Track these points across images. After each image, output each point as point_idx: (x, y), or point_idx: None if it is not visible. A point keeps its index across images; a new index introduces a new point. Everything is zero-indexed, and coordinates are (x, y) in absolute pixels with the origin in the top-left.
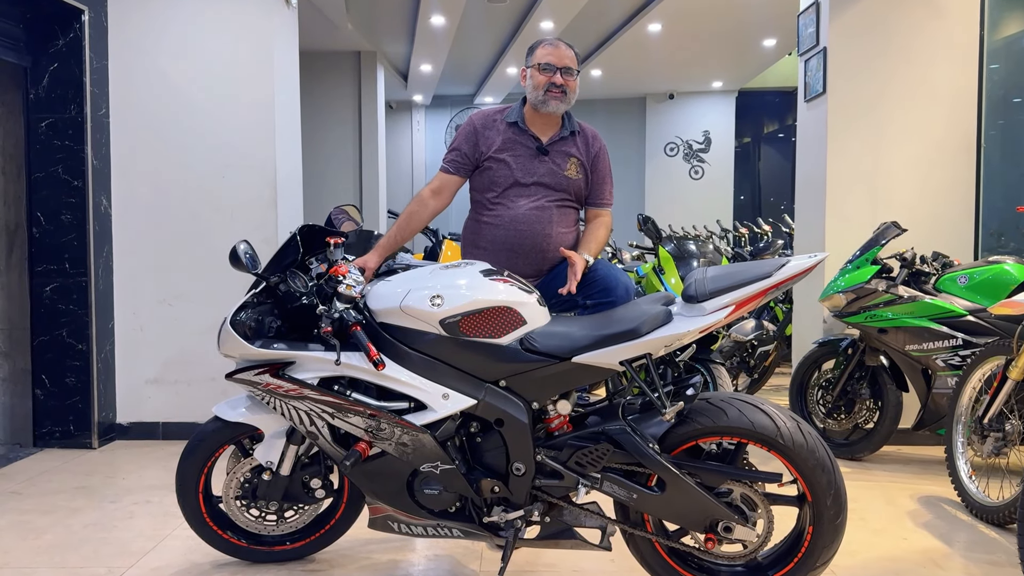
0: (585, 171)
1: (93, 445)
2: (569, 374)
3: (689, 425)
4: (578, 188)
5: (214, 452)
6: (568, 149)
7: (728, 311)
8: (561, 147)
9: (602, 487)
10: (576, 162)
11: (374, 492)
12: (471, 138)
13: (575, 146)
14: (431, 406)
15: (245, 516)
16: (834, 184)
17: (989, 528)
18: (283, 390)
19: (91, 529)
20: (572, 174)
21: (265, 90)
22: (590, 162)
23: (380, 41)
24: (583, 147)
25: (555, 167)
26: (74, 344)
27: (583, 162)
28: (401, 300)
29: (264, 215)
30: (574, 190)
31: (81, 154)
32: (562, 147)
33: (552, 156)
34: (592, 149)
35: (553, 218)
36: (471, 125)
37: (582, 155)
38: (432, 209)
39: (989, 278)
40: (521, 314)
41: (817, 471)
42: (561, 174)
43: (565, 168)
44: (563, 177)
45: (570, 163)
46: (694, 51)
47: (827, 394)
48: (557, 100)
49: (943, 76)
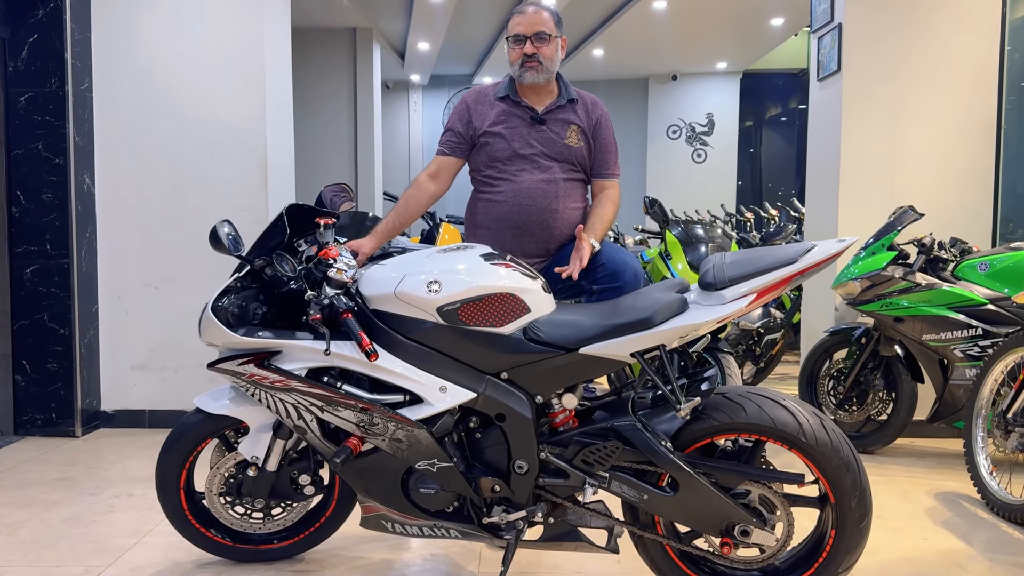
0: (587, 138)
1: (76, 433)
2: (576, 366)
3: (704, 421)
4: (581, 157)
5: (196, 446)
6: (567, 116)
7: (749, 299)
8: (559, 115)
9: (610, 487)
10: (576, 129)
11: (366, 490)
12: (464, 116)
13: (574, 113)
14: (427, 400)
15: (229, 513)
16: (848, 166)
17: (1012, 527)
18: (269, 381)
19: (69, 524)
20: (573, 142)
21: (255, 63)
22: (591, 129)
23: (377, 17)
24: (583, 114)
25: (554, 135)
26: (56, 328)
27: (584, 129)
28: (396, 286)
29: (254, 194)
30: (577, 159)
31: (62, 130)
32: (560, 115)
33: (550, 124)
34: (593, 116)
35: (560, 192)
36: (463, 103)
37: (582, 122)
38: (431, 193)
39: (1010, 265)
40: (524, 301)
41: (842, 471)
42: (561, 143)
43: (565, 136)
44: (563, 146)
45: (570, 131)
46: (699, 30)
47: (839, 385)
48: (533, 71)
49: (963, 53)
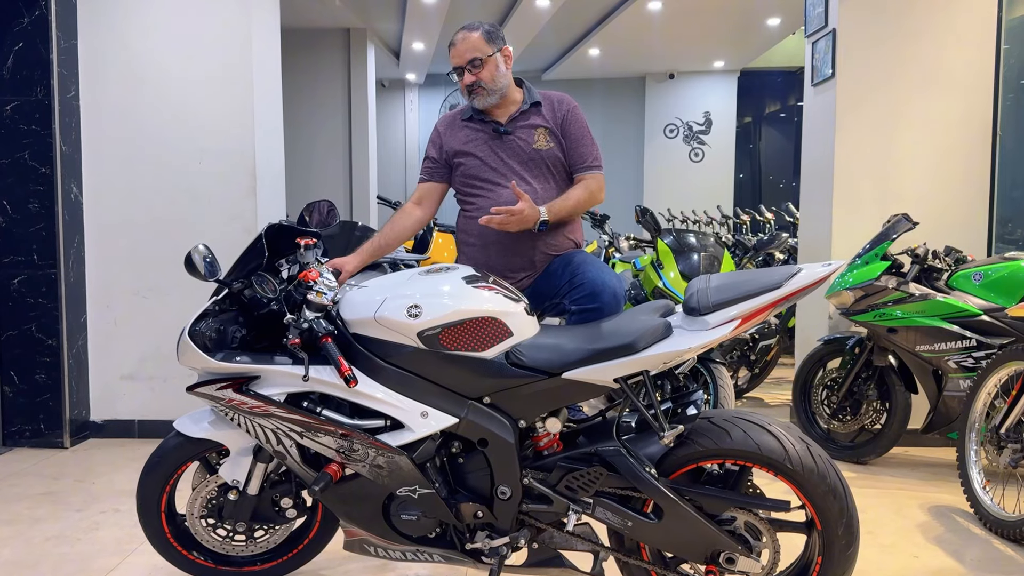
0: (557, 139)
1: (65, 444)
2: (559, 391)
3: (689, 447)
4: (555, 159)
5: (177, 469)
6: (532, 121)
7: (734, 325)
8: (523, 121)
9: (594, 513)
10: (544, 131)
11: (348, 515)
12: (436, 142)
13: (539, 116)
14: (408, 425)
15: (211, 536)
16: (842, 173)
17: (1004, 544)
18: (247, 407)
19: (52, 543)
20: (542, 145)
21: (243, 70)
22: (559, 127)
23: (370, 17)
24: (548, 113)
25: (521, 143)
26: (44, 339)
27: (552, 129)
28: (376, 310)
29: (243, 202)
30: (551, 162)
31: (49, 139)
32: (524, 121)
33: (516, 133)
34: (559, 113)
35: (538, 202)
36: (435, 130)
37: (548, 122)
38: (417, 219)
39: (1005, 276)
40: (507, 325)
41: (828, 498)
42: (531, 148)
43: (533, 141)
44: (533, 151)
45: (537, 134)
46: (696, 29)
47: (832, 394)
48: (480, 97)
49: (958, 57)
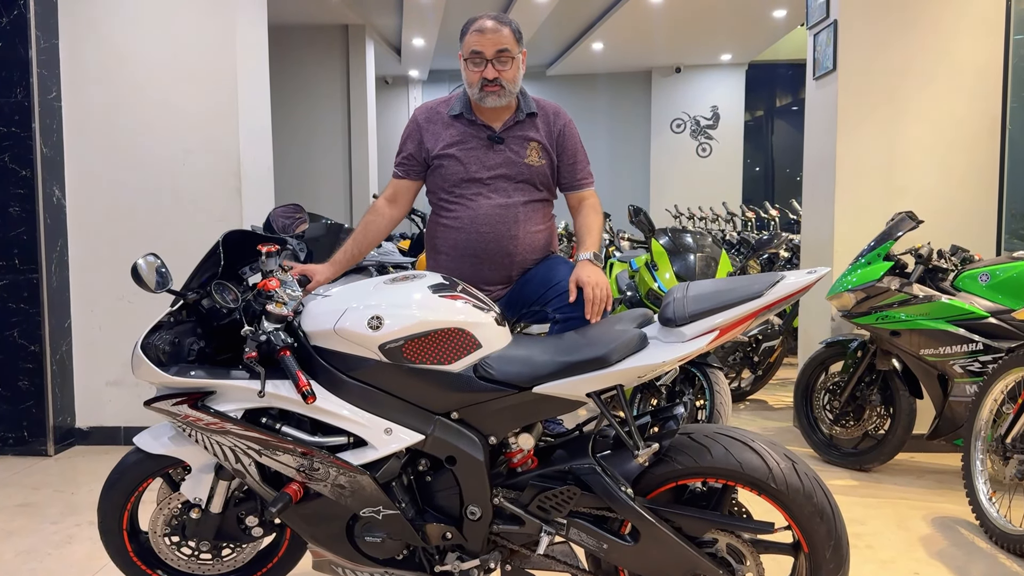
0: (549, 155)
1: (49, 452)
2: (529, 406)
3: (668, 465)
4: (544, 176)
5: (138, 486)
6: (526, 133)
7: (711, 337)
8: (517, 132)
9: (568, 534)
10: (537, 146)
11: (313, 536)
12: (415, 136)
13: (534, 128)
14: (371, 443)
15: (176, 555)
16: (844, 169)
17: (1011, 559)
18: (203, 423)
19: (23, 558)
20: (534, 160)
21: (227, 68)
22: (554, 143)
23: (368, 13)
24: (544, 127)
25: (513, 155)
26: (26, 345)
27: (545, 145)
28: (336, 321)
29: (228, 203)
30: (539, 179)
31: (29, 141)
32: (519, 132)
33: (508, 143)
34: (555, 128)
35: (519, 216)
36: (414, 122)
37: (543, 137)
38: (390, 218)
39: (1013, 276)
40: (475, 336)
41: (815, 519)
42: (521, 162)
43: (525, 155)
44: (524, 166)
45: (530, 148)
46: (702, 22)
47: (835, 399)
48: (495, 96)
49: (965, 51)
